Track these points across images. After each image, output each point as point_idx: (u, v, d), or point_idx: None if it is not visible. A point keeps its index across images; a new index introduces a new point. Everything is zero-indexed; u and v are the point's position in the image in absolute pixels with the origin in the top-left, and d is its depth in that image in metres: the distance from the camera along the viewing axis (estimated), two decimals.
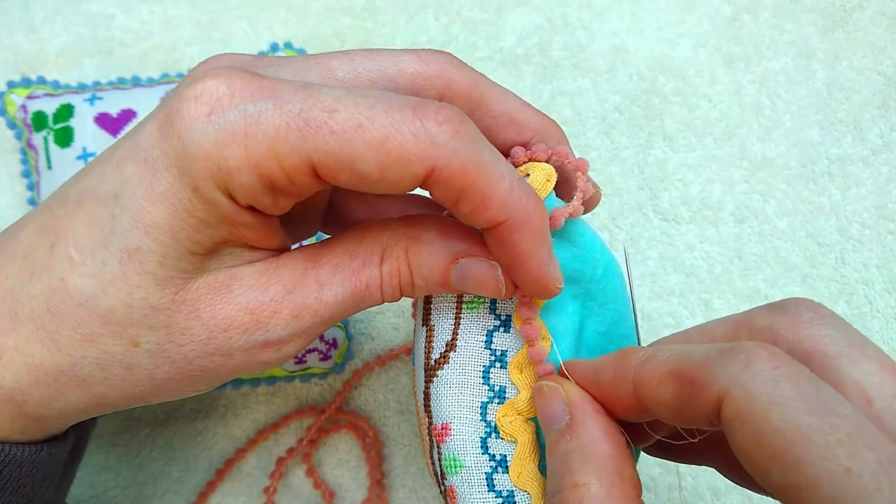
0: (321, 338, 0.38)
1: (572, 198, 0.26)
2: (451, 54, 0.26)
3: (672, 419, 0.22)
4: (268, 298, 0.24)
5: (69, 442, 0.28)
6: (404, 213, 0.31)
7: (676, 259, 0.44)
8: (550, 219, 0.25)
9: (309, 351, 0.38)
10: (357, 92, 0.22)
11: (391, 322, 0.43)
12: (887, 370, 0.20)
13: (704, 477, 0.40)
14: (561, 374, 0.26)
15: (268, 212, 0.24)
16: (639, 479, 0.23)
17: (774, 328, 0.22)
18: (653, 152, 0.46)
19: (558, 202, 0.26)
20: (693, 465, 0.39)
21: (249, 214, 0.24)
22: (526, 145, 0.27)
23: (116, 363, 0.24)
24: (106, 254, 0.23)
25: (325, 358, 0.39)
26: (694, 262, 0.44)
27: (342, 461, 0.41)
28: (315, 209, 0.31)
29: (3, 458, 0.25)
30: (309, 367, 0.39)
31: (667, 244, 0.44)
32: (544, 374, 0.26)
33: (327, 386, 0.42)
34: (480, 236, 0.25)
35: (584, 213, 0.27)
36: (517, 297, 0.26)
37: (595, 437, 0.23)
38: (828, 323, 0.22)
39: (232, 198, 0.23)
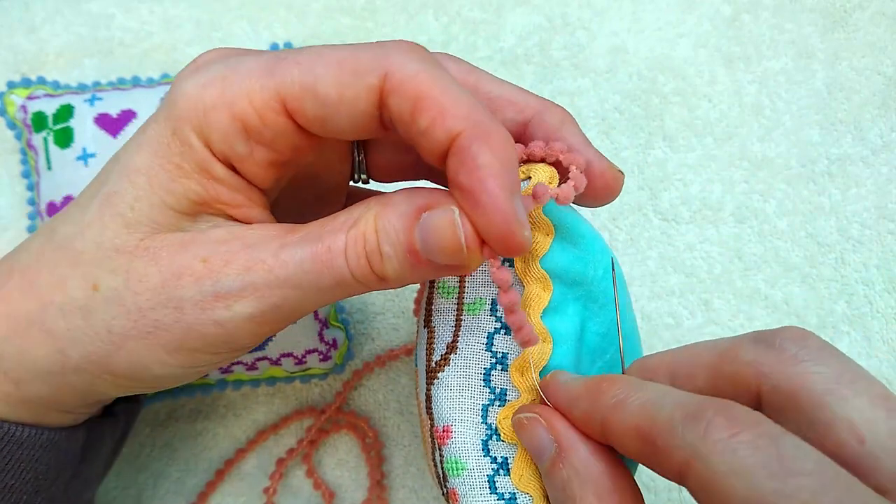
0: (321, 338, 0.38)
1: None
2: (446, 53, 0.26)
3: (643, 464, 0.22)
4: (224, 249, 0.24)
5: (78, 437, 0.28)
6: None
7: (676, 259, 0.44)
8: (534, 194, 0.24)
9: (309, 351, 0.38)
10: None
11: (391, 322, 0.43)
12: (878, 405, 0.20)
13: None
14: (542, 390, 0.26)
15: (245, 169, 0.24)
16: (637, 487, 0.23)
17: (758, 364, 0.22)
18: (653, 152, 0.46)
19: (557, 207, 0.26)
20: None
21: (222, 168, 0.24)
22: (526, 123, 0.26)
23: (76, 310, 0.24)
24: (92, 200, 0.25)
25: (325, 358, 0.39)
26: (694, 263, 0.44)
27: (342, 462, 0.41)
28: (325, 214, 0.31)
29: (1, 435, 0.25)
30: (309, 368, 0.39)
31: (667, 244, 0.44)
32: (507, 303, 0.24)
33: (327, 386, 0.42)
34: (448, 193, 0.23)
35: (604, 201, 0.26)
36: (525, 292, 0.26)
37: (587, 459, 0.23)
38: (814, 358, 0.21)
39: (207, 144, 0.23)
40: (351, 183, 0.32)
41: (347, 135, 0.24)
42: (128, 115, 0.40)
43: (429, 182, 0.31)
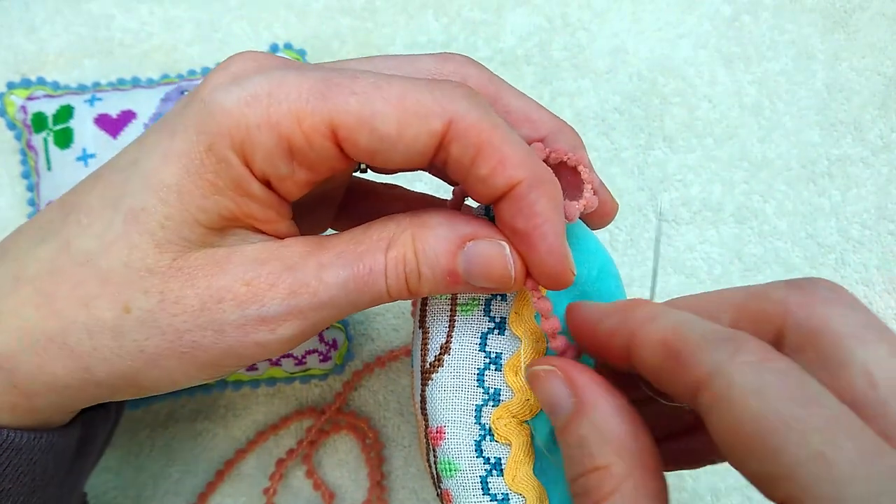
0: (321, 339, 0.38)
1: (580, 197, 0.26)
2: (467, 56, 0.26)
3: (653, 382, 0.22)
4: (266, 272, 0.24)
5: (74, 434, 0.27)
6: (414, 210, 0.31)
7: (677, 260, 0.44)
8: (563, 213, 0.25)
9: (309, 352, 0.38)
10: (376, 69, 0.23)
11: (391, 323, 0.43)
12: None
13: (704, 478, 0.40)
14: (568, 312, 0.25)
15: (281, 188, 0.24)
16: (657, 450, 0.22)
17: (787, 302, 0.22)
18: (653, 153, 0.46)
19: None
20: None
21: (259, 186, 0.23)
22: (542, 141, 0.26)
23: (106, 330, 0.23)
24: (113, 214, 0.23)
25: (325, 359, 0.39)
26: (694, 263, 0.44)
27: (342, 462, 0.41)
28: (328, 203, 0.31)
29: (1, 443, 0.24)
30: (309, 369, 0.39)
31: (667, 245, 0.44)
32: (558, 347, 0.26)
33: (327, 387, 0.42)
34: (489, 224, 0.25)
35: (595, 227, 0.27)
36: (519, 292, 0.26)
37: (609, 416, 0.22)
38: (846, 304, 0.21)
39: (246, 162, 0.23)
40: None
41: (393, 167, 0.24)
42: (128, 116, 0.40)
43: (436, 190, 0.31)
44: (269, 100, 0.22)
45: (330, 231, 0.33)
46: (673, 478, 0.40)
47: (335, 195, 0.32)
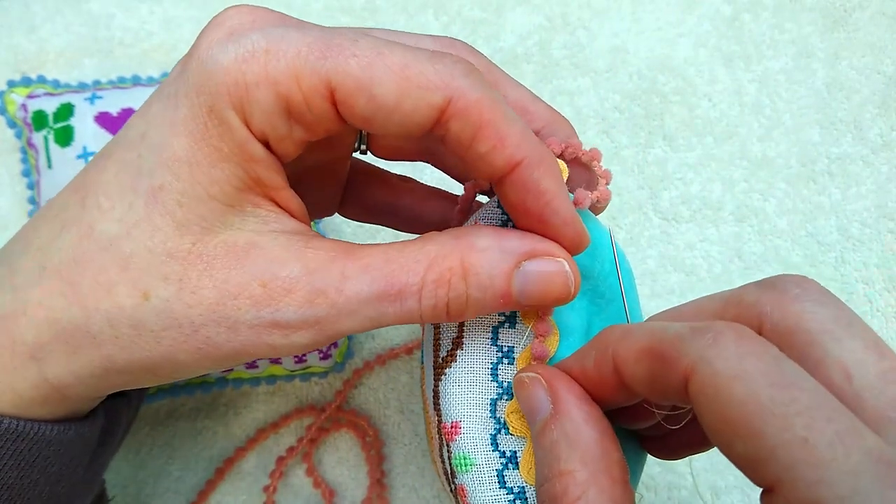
0: None
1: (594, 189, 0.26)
2: (468, 44, 0.26)
3: (650, 396, 0.22)
4: (284, 274, 0.23)
5: (98, 423, 0.27)
6: (425, 204, 0.31)
7: (676, 258, 0.44)
8: (575, 200, 0.25)
9: None
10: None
11: None
12: (871, 349, 0.20)
13: (704, 477, 0.40)
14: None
15: (279, 147, 0.23)
16: (625, 463, 0.23)
17: (761, 304, 0.22)
18: (653, 151, 0.46)
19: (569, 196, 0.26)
20: (693, 466, 0.39)
21: (261, 148, 0.23)
22: (537, 134, 0.27)
23: (126, 319, 0.23)
24: (133, 196, 0.23)
25: (326, 357, 0.39)
26: (694, 262, 0.44)
27: (342, 460, 0.41)
28: (331, 181, 0.31)
29: (32, 436, 0.24)
30: (309, 366, 0.39)
31: (667, 243, 0.44)
32: (542, 331, 0.26)
33: (327, 385, 0.42)
34: (542, 238, 0.24)
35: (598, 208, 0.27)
36: None
37: (579, 423, 0.23)
38: (815, 299, 0.22)
39: (246, 123, 0.22)
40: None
41: (389, 133, 0.24)
42: (128, 114, 0.40)
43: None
44: (267, 57, 0.22)
45: (338, 231, 0.33)
46: (672, 476, 0.40)
47: (338, 171, 0.31)
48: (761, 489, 0.19)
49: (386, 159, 0.30)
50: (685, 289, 0.43)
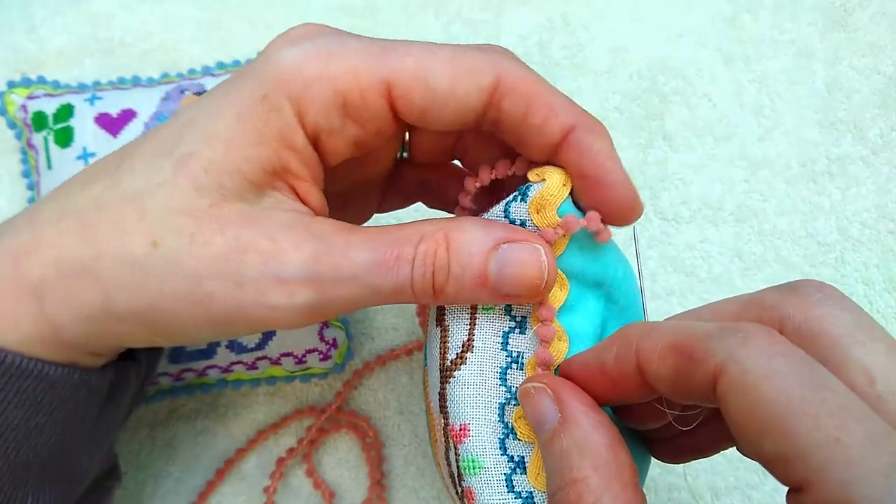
0: (321, 337, 0.38)
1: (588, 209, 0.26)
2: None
3: (672, 394, 0.22)
4: (293, 234, 0.24)
5: (105, 378, 0.28)
6: (451, 180, 0.32)
7: (676, 259, 0.44)
8: (564, 223, 0.25)
9: (309, 351, 0.38)
10: None
11: (391, 322, 0.43)
12: (893, 353, 0.21)
13: (704, 477, 0.40)
14: (567, 374, 0.25)
15: (329, 143, 0.25)
16: (634, 465, 0.23)
17: (783, 307, 0.22)
18: (653, 152, 0.46)
19: (574, 209, 0.26)
20: (692, 464, 0.39)
21: (303, 139, 0.25)
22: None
23: (134, 263, 0.24)
24: (164, 160, 0.25)
25: (325, 358, 0.39)
26: (694, 262, 0.44)
27: (342, 461, 0.41)
28: (373, 193, 0.32)
29: (36, 375, 0.25)
30: (309, 368, 0.39)
31: (667, 244, 0.44)
32: (543, 336, 0.26)
33: (327, 386, 0.42)
34: (526, 231, 0.25)
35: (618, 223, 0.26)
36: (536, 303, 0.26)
37: (588, 430, 0.23)
38: (837, 304, 0.22)
39: (299, 114, 0.24)
40: None
41: (445, 126, 0.25)
42: (128, 115, 0.40)
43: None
44: (328, 56, 0.24)
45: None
46: (672, 476, 0.40)
47: (379, 184, 0.32)
48: (787, 489, 0.19)
49: (425, 163, 0.31)
50: (685, 289, 0.43)
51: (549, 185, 0.25)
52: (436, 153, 0.31)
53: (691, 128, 0.46)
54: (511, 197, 0.26)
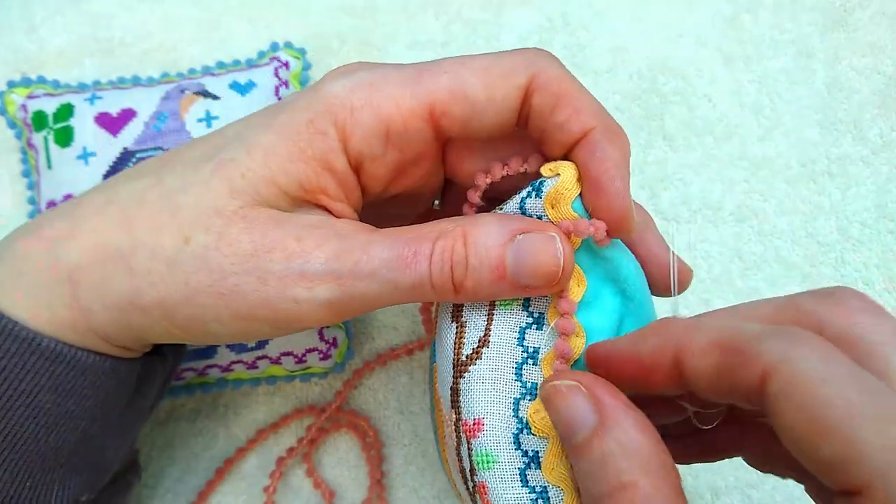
0: (321, 337, 0.38)
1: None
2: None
3: (709, 391, 0.21)
4: (317, 234, 0.25)
5: (134, 368, 0.29)
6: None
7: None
8: (574, 226, 0.25)
9: (309, 350, 0.38)
10: None
11: (391, 321, 0.43)
12: None
13: (704, 477, 0.40)
14: (594, 355, 0.25)
15: (370, 169, 0.26)
16: (676, 467, 0.22)
17: (819, 313, 0.22)
18: (653, 152, 0.46)
19: (583, 209, 0.26)
20: (693, 466, 0.39)
21: (344, 163, 0.26)
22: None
23: (164, 257, 0.25)
24: (205, 164, 0.26)
25: (325, 357, 0.39)
26: (694, 262, 0.44)
27: (342, 461, 0.41)
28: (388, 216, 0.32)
29: (69, 360, 0.26)
30: (309, 367, 0.39)
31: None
32: (563, 328, 0.26)
33: (327, 385, 0.42)
34: (543, 222, 0.26)
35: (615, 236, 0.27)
36: (555, 295, 0.26)
37: (633, 432, 0.22)
38: (875, 312, 0.22)
39: (343, 139, 0.25)
40: None
41: (488, 131, 0.26)
42: (128, 114, 0.40)
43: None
44: (372, 87, 0.26)
45: None
46: None
47: (409, 219, 0.33)
48: (839, 492, 0.18)
49: (463, 177, 0.30)
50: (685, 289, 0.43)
51: (564, 181, 0.25)
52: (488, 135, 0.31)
53: (691, 128, 0.46)
54: (525, 192, 0.26)
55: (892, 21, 0.48)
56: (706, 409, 0.24)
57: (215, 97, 0.41)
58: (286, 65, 0.43)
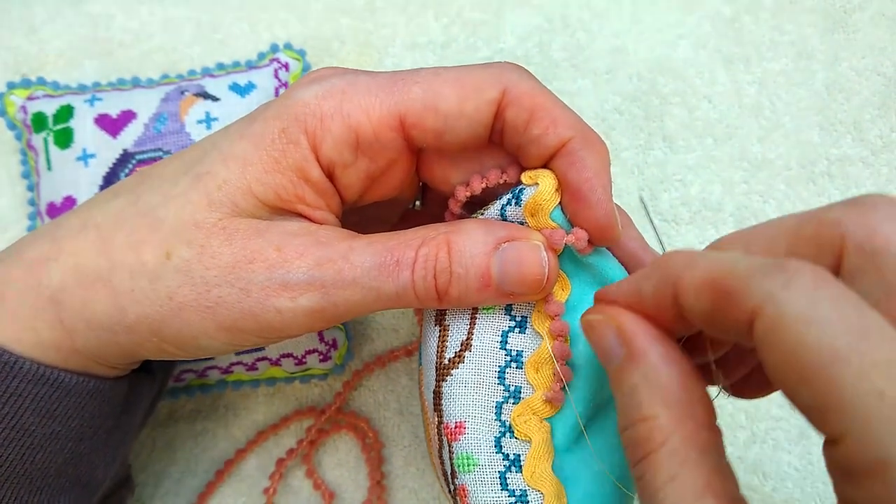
0: (321, 338, 0.38)
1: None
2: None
3: (709, 330, 0.21)
4: (297, 242, 0.25)
5: (120, 388, 0.28)
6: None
7: None
8: (549, 238, 0.26)
9: (309, 352, 0.38)
10: None
11: (391, 323, 0.43)
12: None
13: None
14: (602, 301, 0.24)
15: (343, 177, 0.26)
16: (710, 402, 0.21)
17: (843, 223, 0.20)
18: (652, 153, 0.46)
19: (563, 218, 0.26)
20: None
21: (319, 172, 0.26)
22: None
23: (146, 274, 0.25)
24: (182, 177, 0.26)
25: (325, 359, 0.39)
26: None
27: (342, 462, 0.41)
28: (367, 218, 0.32)
29: (52, 382, 0.26)
30: (309, 368, 0.39)
31: (666, 245, 0.44)
32: (558, 330, 0.26)
33: (327, 387, 0.42)
34: (526, 228, 0.26)
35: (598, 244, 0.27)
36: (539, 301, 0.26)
37: (657, 364, 0.21)
38: None
39: (314, 148, 0.25)
40: None
41: (459, 144, 0.26)
42: (128, 116, 0.40)
43: None
44: (343, 95, 0.25)
45: None
46: None
47: (390, 221, 0.33)
48: (824, 438, 0.18)
49: (439, 186, 0.30)
50: None
51: (542, 190, 0.25)
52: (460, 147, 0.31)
53: (691, 129, 0.46)
54: (506, 199, 0.26)
55: (892, 22, 0.48)
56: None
57: (215, 99, 0.41)
58: (286, 66, 0.43)
